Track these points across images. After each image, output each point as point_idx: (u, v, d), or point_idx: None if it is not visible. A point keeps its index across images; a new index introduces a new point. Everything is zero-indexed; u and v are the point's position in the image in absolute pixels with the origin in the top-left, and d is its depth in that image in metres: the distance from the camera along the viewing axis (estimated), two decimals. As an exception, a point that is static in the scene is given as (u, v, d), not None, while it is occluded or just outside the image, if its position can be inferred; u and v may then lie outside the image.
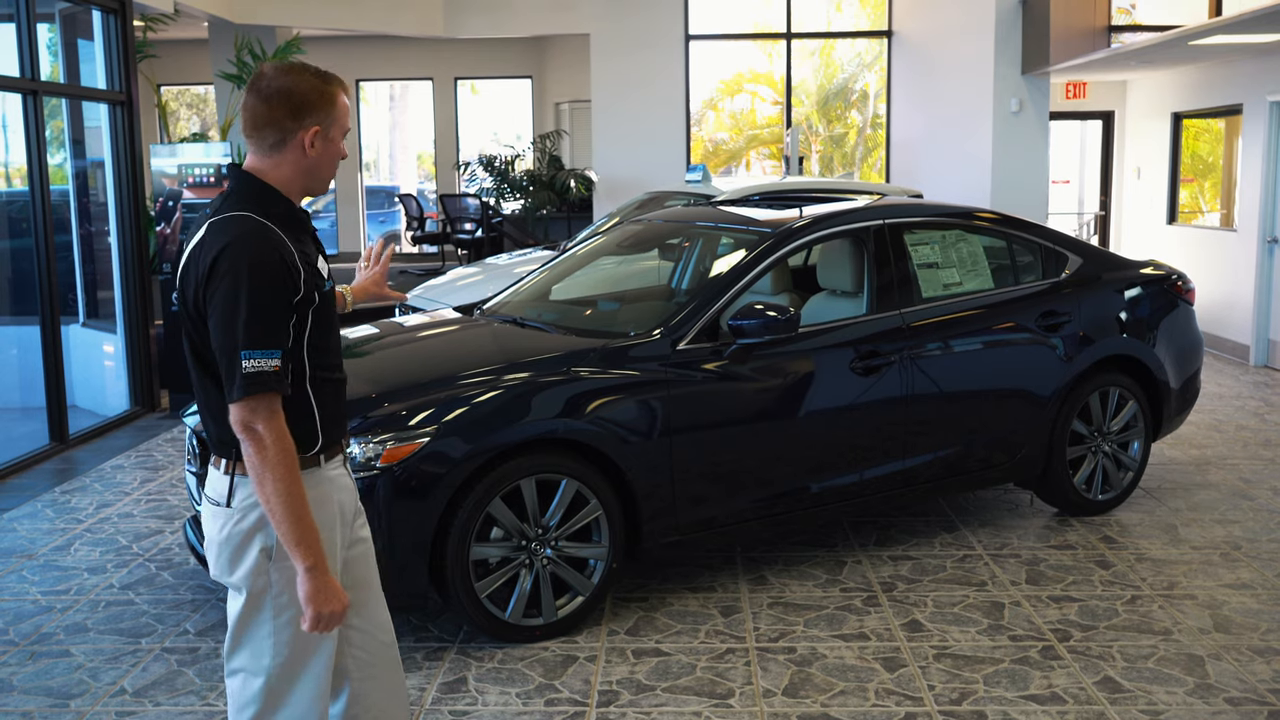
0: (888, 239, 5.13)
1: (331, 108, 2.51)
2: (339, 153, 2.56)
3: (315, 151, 2.50)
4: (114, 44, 8.41)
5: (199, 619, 4.48)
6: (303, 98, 2.47)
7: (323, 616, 2.40)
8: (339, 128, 2.53)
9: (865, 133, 17.82)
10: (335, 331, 2.59)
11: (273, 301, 2.36)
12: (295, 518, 2.34)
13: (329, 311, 2.53)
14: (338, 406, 2.59)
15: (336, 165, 2.58)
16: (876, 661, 3.98)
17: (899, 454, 4.99)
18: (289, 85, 2.46)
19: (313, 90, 2.48)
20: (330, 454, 2.56)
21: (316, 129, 2.48)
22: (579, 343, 4.63)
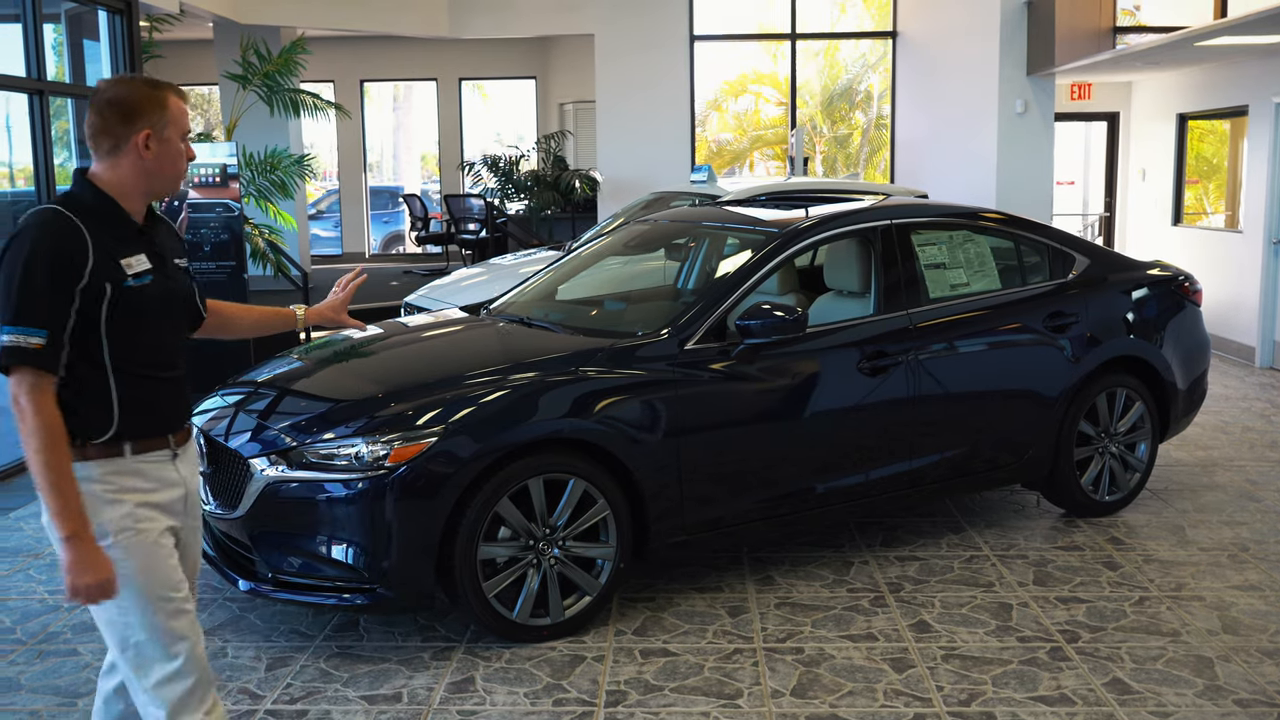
0: (895, 239, 5.12)
1: (163, 111, 2.67)
2: (180, 153, 2.71)
3: (151, 153, 2.66)
4: (120, 44, 8.42)
5: (206, 618, 4.48)
6: (132, 104, 2.64)
7: (79, 587, 2.50)
8: (175, 129, 2.69)
9: (869, 133, 17.82)
10: (153, 329, 2.68)
11: (42, 283, 2.50)
12: (54, 489, 2.48)
13: (138, 308, 2.63)
14: (157, 403, 2.70)
15: (183, 164, 2.74)
16: (885, 662, 3.98)
17: (906, 455, 4.98)
18: (119, 94, 2.65)
19: (142, 97, 2.66)
20: (141, 446, 2.66)
21: (148, 131, 2.65)
22: (586, 342, 4.62)
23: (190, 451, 2.84)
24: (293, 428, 4.20)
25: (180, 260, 2.85)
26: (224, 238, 8.41)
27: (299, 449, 4.06)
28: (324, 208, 21.55)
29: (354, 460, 3.97)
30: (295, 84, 11.35)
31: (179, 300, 2.79)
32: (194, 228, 8.39)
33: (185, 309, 2.85)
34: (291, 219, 11.92)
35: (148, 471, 2.67)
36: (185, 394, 2.83)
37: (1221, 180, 11.38)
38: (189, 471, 2.81)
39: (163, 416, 2.72)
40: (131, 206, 2.69)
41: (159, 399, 2.71)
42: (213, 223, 8.40)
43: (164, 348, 2.72)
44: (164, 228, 2.84)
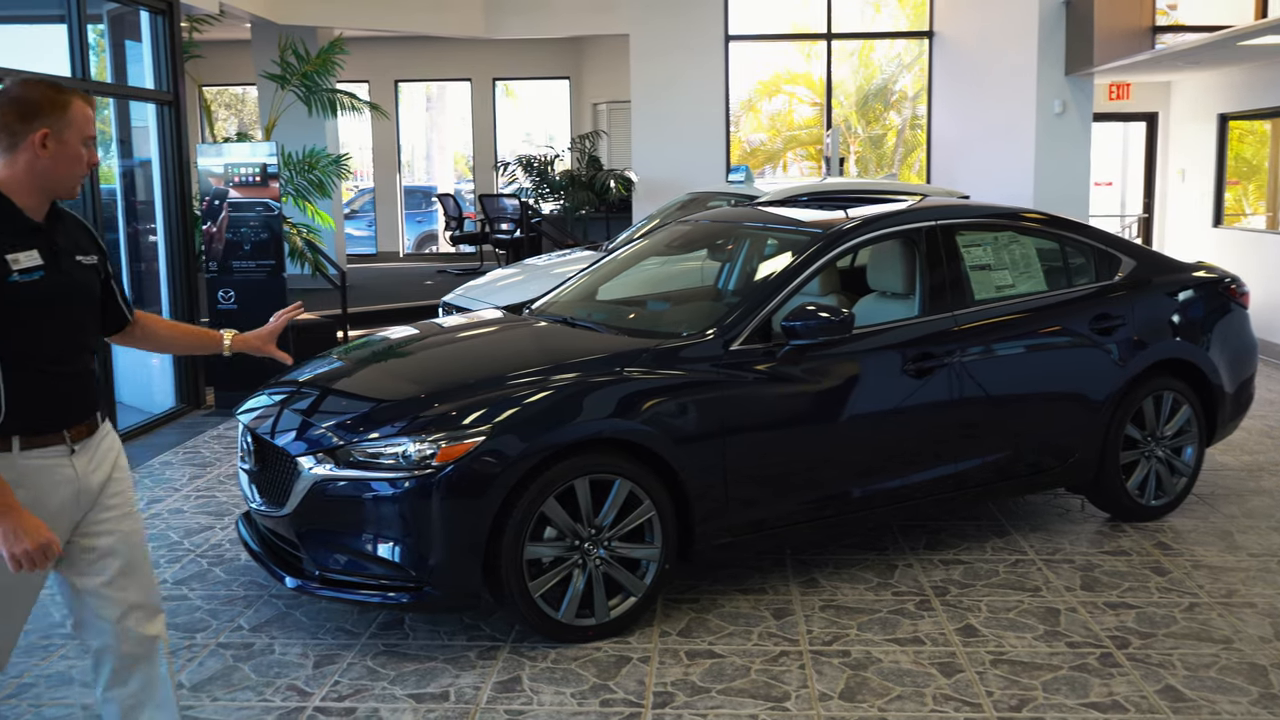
0: (940, 240, 5.09)
1: (63, 113, 2.71)
2: (78, 156, 2.75)
3: (48, 153, 2.70)
4: (162, 44, 8.49)
5: (252, 615, 4.50)
6: (32, 104, 2.70)
7: (17, 555, 2.56)
8: (75, 133, 2.72)
9: (904, 134, 17.73)
10: (44, 325, 2.70)
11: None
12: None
13: (26, 303, 2.65)
14: (50, 399, 2.72)
15: (79, 168, 2.77)
16: (933, 666, 3.95)
17: (950, 457, 4.95)
18: (20, 94, 2.71)
19: (43, 98, 2.71)
20: (31, 442, 2.69)
21: (46, 132, 2.69)
22: (631, 343, 4.62)
23: (97, 445, 2.86)
24: (338, 427, 4.22)
25: (87, 258, 2.87)
26: (264, 237, 8.45)
27: (346, 447, 4.07)
28: (358, 207, 21.66)
29: (401, 459, 3.98)
30: (332, 84, 11.40)
31: (77, 297, 2.80)
32: (234, 227, 8.43)
33: (86, 306, 2.85)
34: (329, 218, 11.99)
35: (34, 468, 2.70)
36: (86, 389, 2.84)
37: (1262, 181, 11.26)
38: (89, 467, 2.82)
39: (57, 412, 2.74)
40: (26, 203, 2.72)
41: (52, 395, 2.73)
42: (252, 222, 8.44)
43: (59, 343, 2.74)
44: (70, 225, 2.87)
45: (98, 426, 2.88)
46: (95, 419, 2.87)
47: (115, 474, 2.90)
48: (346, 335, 10.30)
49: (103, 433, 2.91)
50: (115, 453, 2.94)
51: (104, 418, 2.93)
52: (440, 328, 5.58)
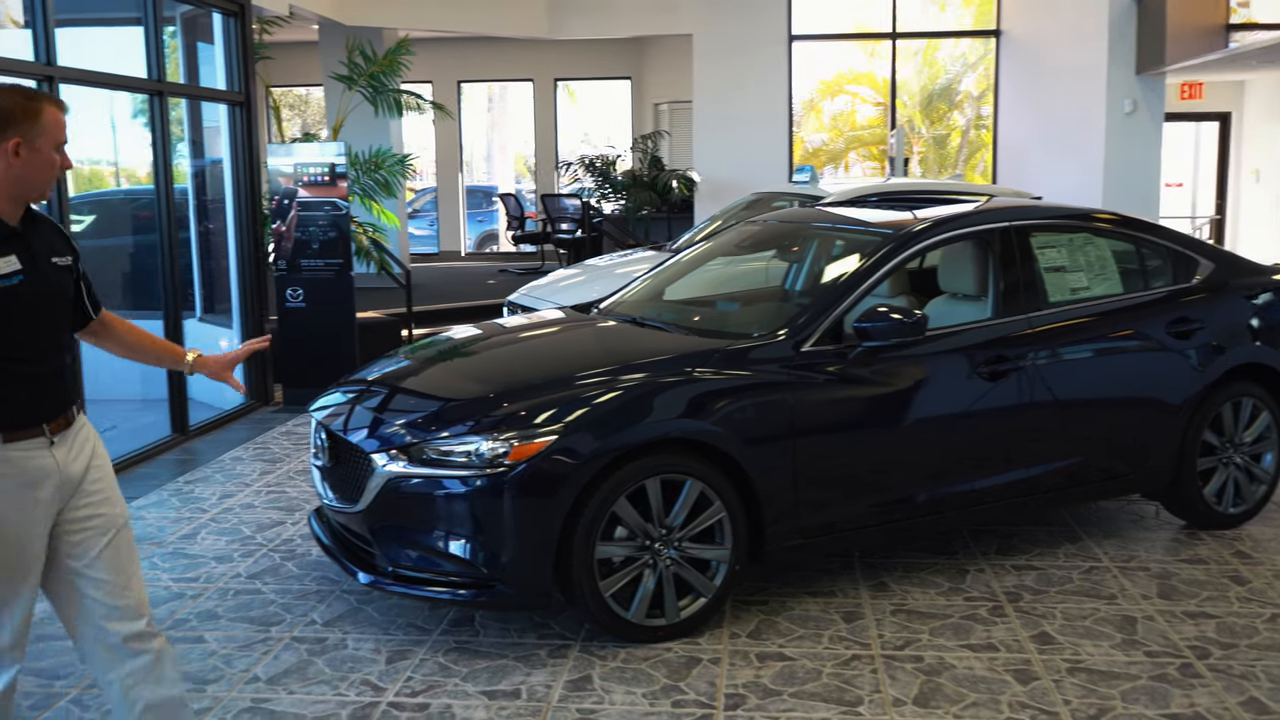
0: (1014, 241, 5.03)
1: (35, 121, 2.80)
2: (51, 162, 2.84)
3: (21, 160, 2.78)
4: (234, 46, 8.61)
5: (325, 609, 4.55)
6: (6, 113, 2.77)
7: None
8: (48, 140, 2.81)
9: (968, 134, 17.55)
10: (24, 326, 2.81)
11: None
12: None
13: (6, 307, 2.76)
14: (29, 395, 2.83)
15: (52, 172, 2.86)
16: (1007, 673, 3.90)
17: (1022, 462, 4.89)
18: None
19: (16, 106, 2.78)
20: (13, 435, 2.80)
21: (18, 140, 2.77)
22: (701, 343, 4.62)
23: (74, 436, 2.96)
24: (410, 425, 4.25)
25: (62, 259, 2.96)
26: (331, 236, 8.54)
27: (419, 445, 4.10)
28: (419, 207, 21.85)
29: (473, 457, 4.01)
30: (398, 84, 11.50)
31: (54, 298, 2.91)
32: (302, 226, 8.54)
33: (62, 306, 2.96)
34: (395, 218, 12.10)
35: (17, 460, 2.81)
36: (63, 385, 2.95)
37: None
38: (70, 457, 2.93)
39: (35, 408, 2.86)
40: (2, 209, 2.81)
41: (31, 392, 2.84)
42: (321, 221, 8.54)
43: (37, 343, 2.86)
44: (45, 228, 2.95)
45: (74, 419, 2.98)
46: (71, 412, 2.97)
47: (94, 462, 3.02)
48: (411, 333, 10.39)
49: (79, 424, 3.01)
50: (93, 442, 3.05)
51: (79, 410, 3.03)
52: (505, 328, 5.62)
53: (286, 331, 8.65)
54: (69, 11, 6.64)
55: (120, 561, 3.00)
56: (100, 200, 9.48)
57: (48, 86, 6.21)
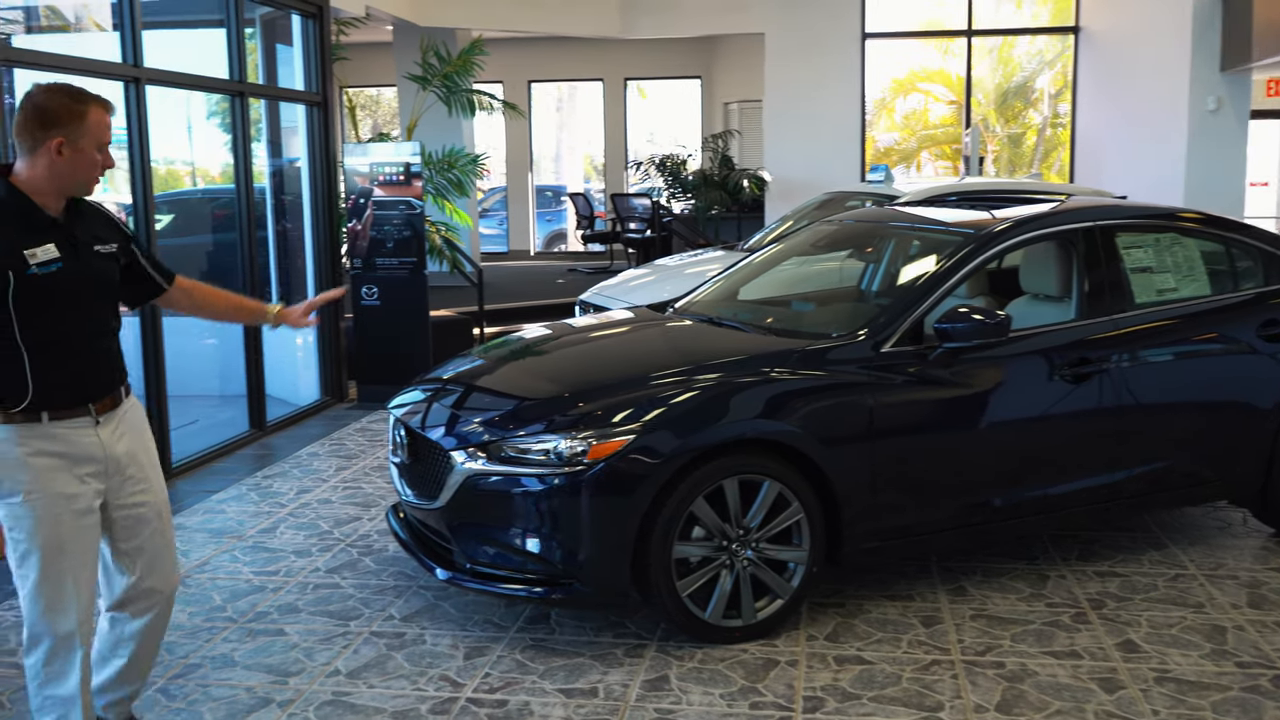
0: (1099, 241, 4.93)
1: (80, 123, 2.94)
2: (93, 162, 2.99)
3: (64, 159, 2.94)
4: (312, 47, 8.73)
5: (403, 605, 4.59)
6: (52, 113, 2.93)
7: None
8: (90, 140, 2.96)
9: (1044, 133, 17.27)
10: (65, 311, 2.99)
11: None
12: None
13: (45, 293, 2.93)
14: (74, 377, 3.01)
15: (94, 171, 3.02)
16: (1092, 681, 3.83)
17: (1104, 466, 4.79)
18: (41, 103, 2.94)
19: (61, 107, 2.94)
20: (59, 415, 2.98)
21: (62, 139, 2.92)
22: (778, 343, 4.60)
23: (122, 417, 3.14)
24: (488, 423, 4.27)
25: (105, 246, 3.11)
26: (406, 234, 8.63)
27: (498, 443, 4.12)
28: (488, 206, 22.00)
29: (552, 455, 4.02)
30: (471, 84, 11.59)
31: (96, 284, 3.07)
32: (378, 225, 8.63)
33: (104, 292, 3.11)
34: (467, 217, 12.19)
35: (64, 437, 2.98)
36: (109, 366, 3.13)
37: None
38: (115, 437, 3.10)
39: (81, 389, 3.03)
40: (44, 201, 2.97)
41: (76, 374, 3.01)
42: (396, 220, 8.62)
43: (79, 328, 3.03)
44: (90, 218, 3.12)
45: (122, 400, 3.16)
46: (119, 393, 3.15)
47: (140, 444, 3.21)
48: (482, 332, 10.46)
49: (127, 405, 3.19)
50: (140, 423, 3.24)
51: (127, 391, 3.21)
52: (577, 327, 5.64)
53: (361, 329, 8.76)
54: (152, 14, 6.76)
55: (150, 541, 3.24)
56: (179, 199, 9.65)
57: (134, 88, 6.34)
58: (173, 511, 5.87)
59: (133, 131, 6.41)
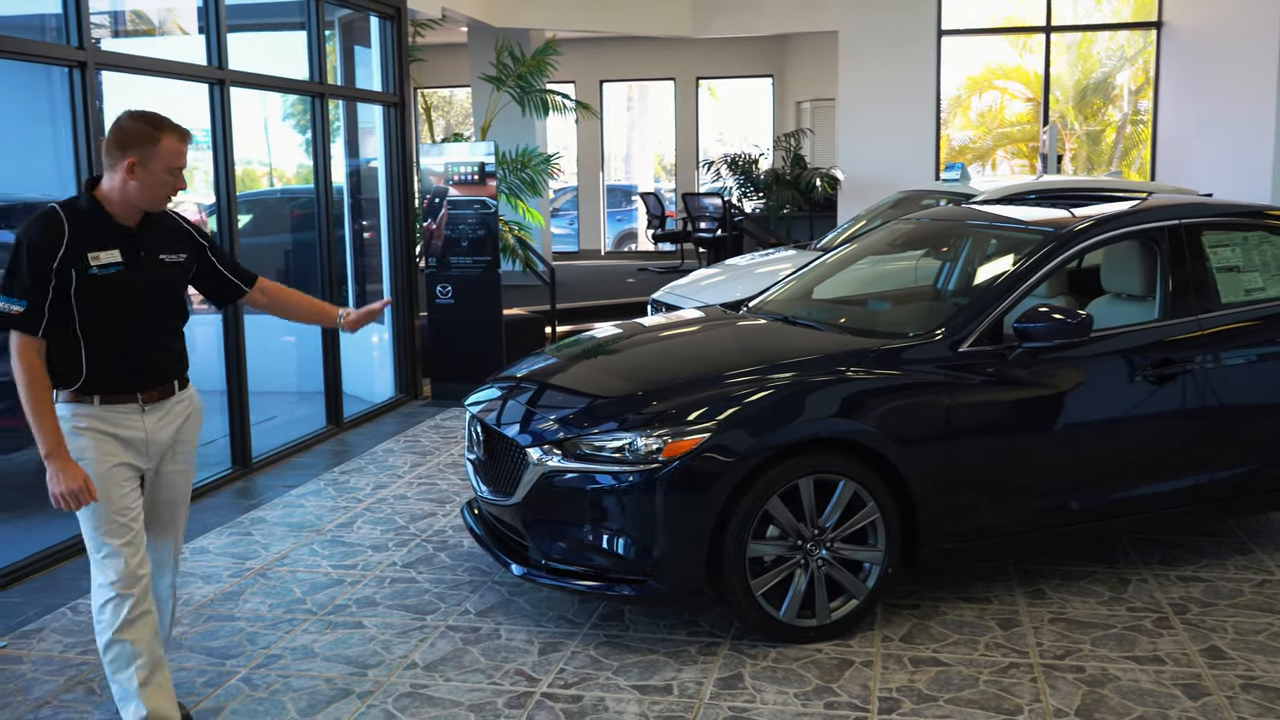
0: (1184, 240, 4.83)
1: (153, 146, 3.23)
2: (162, 183, 3.27)
3: (135, 178, 3.24)
4: (390, 48, 8.85)
5: (478, 600, 4.64)
6: (129, 136, 3.23)
7: (57, 495, 3.17)
8: (161, 164, 3.24)
9: (1124, 130, 16.95)
10: (119, 310, 3.29)
11: (26, 264, 3.17)
12: (34, 419, 3.18)
13: (101, 292, 3.24)
14: (124, 368, 3.32)
15: (163, 191, 3.29)
16: (1176, 688, 3.75)
17: (1188, 469, 4.70)
18: (122, 125, 3.25)
19: (136, 131, 3.24)
20: (108, 399, 3.30)
21: (134, 160, 3.21)
22: (853, 342, 4.57)
23: (171, 408, 3.44)
24: (563, 420, 4.30)
25: (173, 256, 3.42)
26: (480, 234, 8.71)
27: (574, 440, 4.15)
28: (558, 206, 22.12)
29: (627, 453, 4.03)
30: (544, 85, 11.67)
31: (154, 288, 3.36)
32: (452, 224, 8.72)
33: (164, 296, 3.41)
34: (540, 216, 12.27)
35: (111, 418, 3.31)
36: (163, 362, 3.42)
37: None
38: (159, 425, 3.40)
39: (129, 379, 3.33)
40: (117, 212, 3.29)
41: (126, 365, 3.32)
42: (470, 219, 8.71)
43: (134, 325, 3.33)
44: (164, 229, 3.43)
45: (174, 393, 3.45)
46: (172, 386, 3.44)
47: (183, 435, 3.50)
48: (554, 330, 10.52)
49: (179, 397, 3.48)
50: (189, 415, 3.52)
51: (183, 385, 3.50)
52: (649, 326, 5.65)
53: (435, 328, 8.86)
54: (235, 18, 6.89)
55: (171, 519, 3.57)
56: (257, 199, 9.83)
57: (219, 90, 6.47)
58: (253, 505, 6.02)
59: (217, 133, 6.55)
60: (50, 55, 5.32)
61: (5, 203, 6.81)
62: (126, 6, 7.60)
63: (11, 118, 6.06)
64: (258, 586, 4.85)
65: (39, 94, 6.03)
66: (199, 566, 5.12)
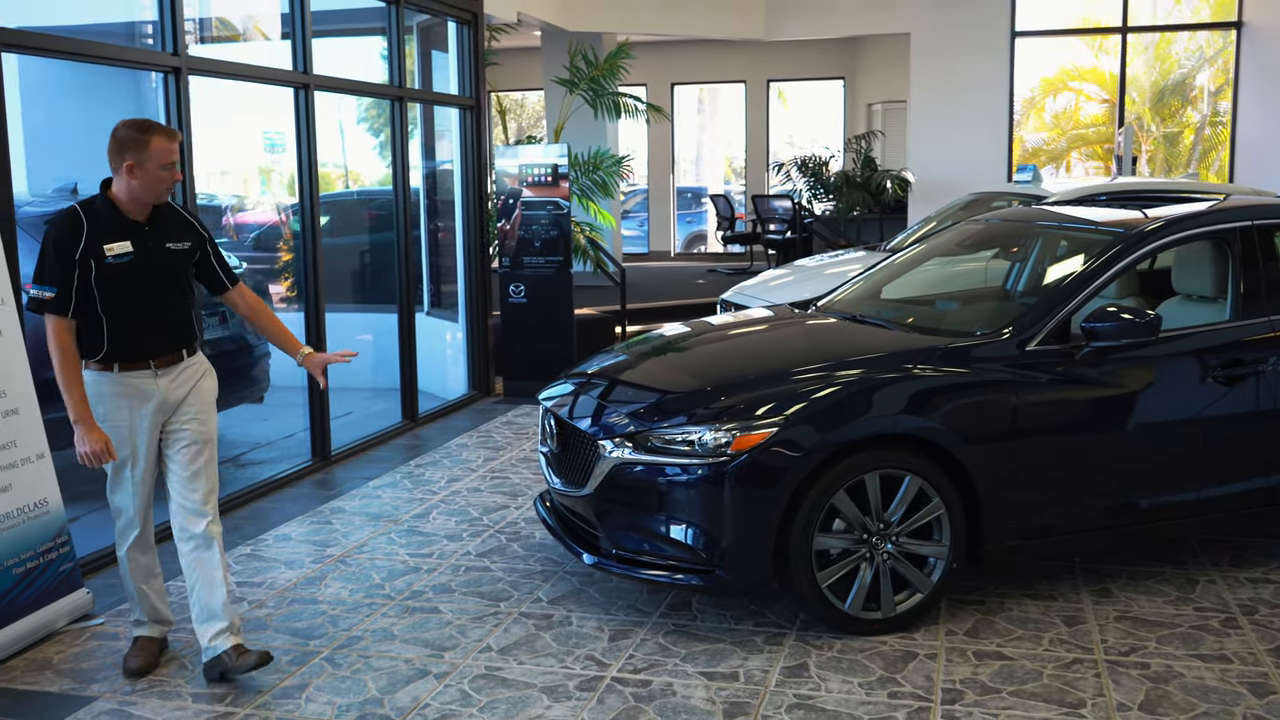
0: (1256, 241, 4.82)
1: (144, 149, 3.77)
2: (157, 179, 3.81)
3: (135, 177, 3.80)
4: (466, 52, 9.04)
5: (549, 589, 4.77)
6: (122, 142, 3.78)
7: (83, 454, 3.79)
8: (154, 162, 3.78)
9: (1202, 132, 16.69)
10: (133, 292, 3.85)
11: (54, 256, 3.77)
12: (64, 388, 3.79)
13: (117, 277, 3.81)
14: (138, 339, 3.90)
15: (161, 185, 3.84)
16: (1242, 685, 3.77)
17: (1260, 470, 4.69)
18: (117, 133, 3.80)
19: (128, 137, 3.78)
20: (125, 366, 3.89)
21: (131, 162, 3.77)
22: (921, 340, 4.62)
23: (181, 371, 3.99)
24: (634, 414, 4.41)
25: (178, 245, 3.97)
26: (553, 234, 8.86)
27: (645, 433, 4.26)
28: (629, 207, 22.27)
29: (697, 446, 4.14)
30: (616, 87, 11.81)
31: (161, 274, 3.92)
32: (526, 225, 8.89)
33: (170, 279, 3.95)
34: (611, 217, 12.41)
35: (129, 382, 3.90)
36: (170, 333, 3.98)
37: None
38: (172, 386, 3.97)
39: (143, 349, 3.91)
40: (126, 209, 3.85)
41: (140, 337, 3.90)
42: (543, 220, 8.87)
43: (145, 304, 3.88)
44: (171, 221, 3.98)
45: (182, 359, 4.01)
46: (180, 354, 4.00)
47: (194, 394, 4.03)
48: (624, 330, 10.65)
49: (188, 363, 4.03)
50: (198, 378, 4.06)
51: (192, 352, 4.05)
52: (717, 324, 5.76)
53: (508, 326, 9.03)
54: (316, 24, 7.10)
55: (190, 468, 3.99)
56: (334, 201, 10.08)
57: (304, 94, 6.69)
58: (332, 495, 6.22)
59: (301, 136, 6.77)
60: (147, 61, 5.56)
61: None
62: (214, 14, 7.87)
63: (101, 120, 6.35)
64: (338, 573, 5.03)
65: (124, 97, 6.36)
66: (282, 553, 5.32)
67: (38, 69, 6.05)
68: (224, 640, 3.90)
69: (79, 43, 5.20)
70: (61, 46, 5.10)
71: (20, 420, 4.43)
